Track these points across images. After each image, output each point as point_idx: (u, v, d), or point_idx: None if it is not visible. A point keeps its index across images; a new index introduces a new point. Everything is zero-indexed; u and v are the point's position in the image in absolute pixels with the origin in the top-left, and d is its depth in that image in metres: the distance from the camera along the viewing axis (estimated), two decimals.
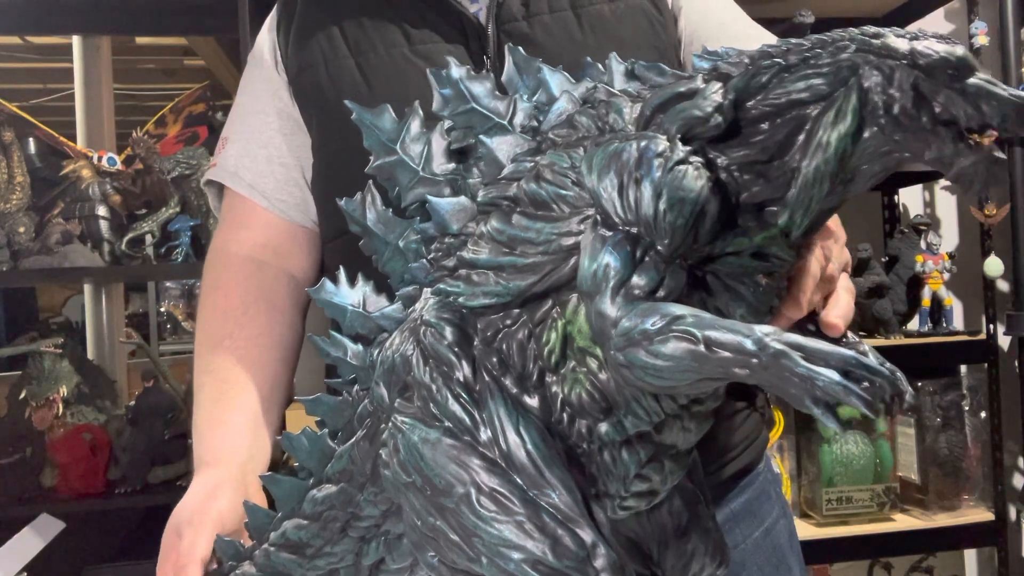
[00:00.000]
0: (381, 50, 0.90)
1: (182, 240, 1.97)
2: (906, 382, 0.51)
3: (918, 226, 2.17)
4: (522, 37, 0.88)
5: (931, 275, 2.11)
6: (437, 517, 0.56)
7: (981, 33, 2.17)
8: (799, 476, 2.10)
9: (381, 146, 0.66)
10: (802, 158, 0.50)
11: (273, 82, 0.98)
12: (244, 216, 0.98)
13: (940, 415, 2.11)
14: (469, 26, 0.89)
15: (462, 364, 0.58)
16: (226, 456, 0.85)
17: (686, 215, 0.49)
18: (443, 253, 0.61)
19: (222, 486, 0.82)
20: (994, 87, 0.47)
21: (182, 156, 1.99)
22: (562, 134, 0.59)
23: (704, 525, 0.64)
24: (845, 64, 0.49)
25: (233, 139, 1.00)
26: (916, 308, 2.15)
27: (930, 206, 2.54)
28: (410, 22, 0.90)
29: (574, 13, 0.89)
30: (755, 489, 0.96)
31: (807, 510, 2.08)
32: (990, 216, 2.14)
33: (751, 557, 0.93)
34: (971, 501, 2.13)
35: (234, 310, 0.92)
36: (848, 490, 2.02)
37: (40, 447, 1.96)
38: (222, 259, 0.98)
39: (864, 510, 2.02)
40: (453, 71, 0.63)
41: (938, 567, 2.28)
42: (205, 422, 0.89)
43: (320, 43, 0.93)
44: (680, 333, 0.47)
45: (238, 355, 0.90)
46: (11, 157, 1.96)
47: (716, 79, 0.53)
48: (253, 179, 0.97)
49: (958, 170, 0.48)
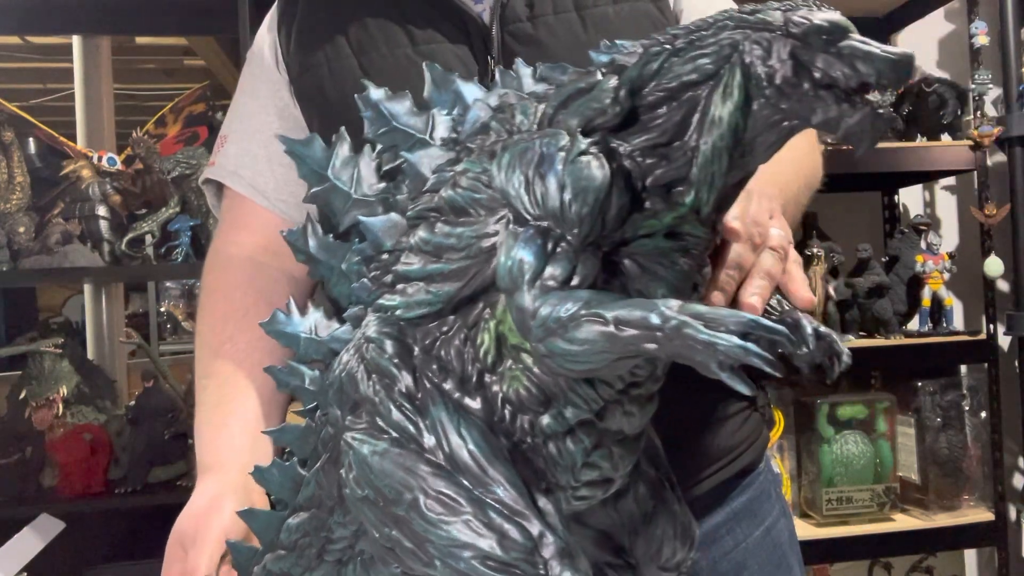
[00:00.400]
0: (384, 50, 0.90)
1: (182, 240, 1.98)
2: (841, 343, 0.55)
3: (918, 226, 2.17)
4: (527, 38, 0.88)
5: (931, 275, 2.11)
6: (392, 527, 0.57)
7: (981, 33, 2.17)
8: (799, 476, 2.10)
9: (313, 174, 0.67)
10: (699, 137, 0.52)
11: (274, 81, 0.98)
12: (244, 217, 0.98)
13: (940, 415, 2.11)
14: (473, 26, 0.89)
15: (403, 375, 0.59)
16: (228, 462, 0.85)
17: (591, 203, 0.51)
18: (381, 270, 0.63)
19: (224, 496, 0.82)
20: (867, 46, 0.49)
21: (182, 156, 1.99)
22: (478, 142, 0.61)
23: (670, 508, 0.65)
24: (726, 42, 0.51)
25: (232, 138, 1.00)
26: (916, 308, 2.15)
27: (930, 206, 2.54)
28: (414, 22, 0.90)
29: (578, 15, 0.89)
30: (756, 489, 0.96)
31: (807, 510, 2.08)
32: (990, 216, 2.14)
33: (752, 556, 0.94)
34: (971, 501, 2.13)
35: (235, 313, 0.92)
36: (848, 490, 2.02)
37: (40, 447, 1.96)
38: (222, 261, 0.97)
39: (864, 510, 2.03)
40: (372, 93, 0.65)
41: (938, 567, 2.28)
42: (207, 427, 0.89)
43: (323, 43, 0.93)
44: (591, 316, 0.49)
45: (239, 359, 0.90)
46: (11, 157, 1.96)
47: (613, 72, 0.55)
48: (253, 178, 0.97)
49: (846, 130, 0.50)
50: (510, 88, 0.63)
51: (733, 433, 0.95)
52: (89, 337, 2.51)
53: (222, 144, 1.01)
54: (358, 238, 0.65)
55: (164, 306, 4.77)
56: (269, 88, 0.98)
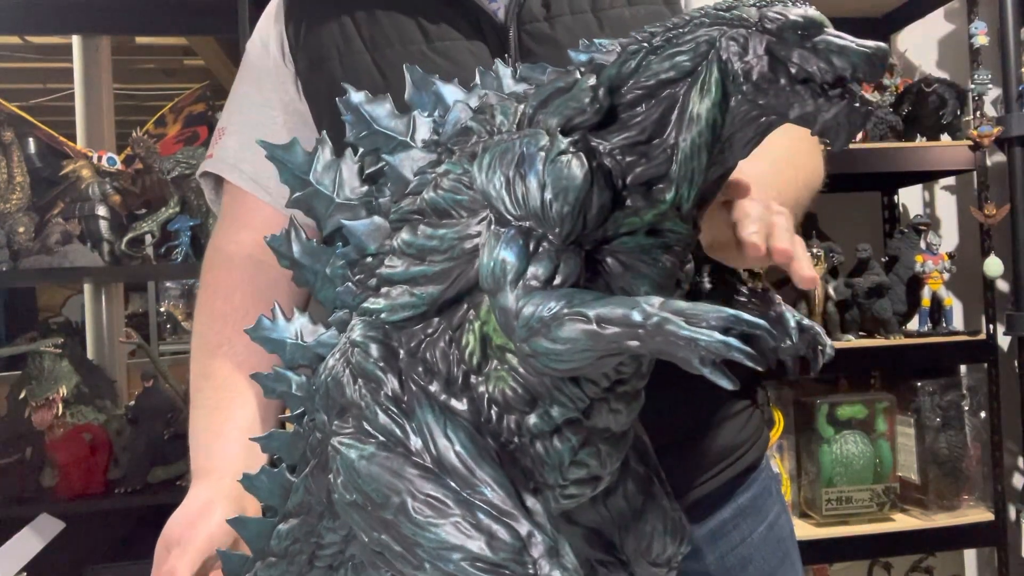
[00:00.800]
0: (398, 46, 0.89)
1: (182, 240, 1.98)
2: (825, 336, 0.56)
3: (918, 226, 2.17)
4: (543, 37, 0.88)
5: (931, 275, 2.11)
6: (381, 531, 0.57)
7: (981, 33, 2.17)
8: (799, 476, 2.10)
9: (295, 179, 0.67)
10: (678, 134, 0.53)
11: (279, 74, 0.96)
12: (245, 213, 0.97)
13: (940, 415, 2.11)
14: (487, 24, 0.88)
15: (388, 378, 0.59)
16: (223, 469, 0.85)
17: (571, 202, 0.51)
18: (365, 274, 0.63)
19: (215, 503, 0.82)
20: (842, 40, 0.49)
21: (182, 156, 1.99)
22: (459, 143, 0.61)
23: (660, 504, 0.66)
24: (703, 39, 0.52)
25: (231, 130, 0.98)
26: (916, 308, 2.15)
27: (930, 206, 2.54)
28: (427, 18, 0.89)
29: (595, 16, 0.89)
30: (759, 485, 0.97)
31: (807, 510, 2.08)
32: (990, 216, 2.14)
33: (757, 551, 0.95)
34: (971, 501, 2.13)
35: (233, 313, 0.92)
36: (848, 490, 2.02)
37: (40, 447, 1.96)
38: (222, 258, 0.97)
39: (864, 510, 2.03)
40: (352, 96, 0.65)
41: (938, 567, 2.28)
42: (203, 431, 0.89)
43: (334, 36, 0.91)
44: (573, 315, 0.49)
45: (236, 361, 0.90)
46: (11, 157, 1.96)
47: (591, 71, 0.55)
48: (255, 172, 0.95)
49: (822, 124, 0.51)
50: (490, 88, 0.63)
51: (738, 431, 0.96)
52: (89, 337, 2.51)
53: (220, 136, 0.99)
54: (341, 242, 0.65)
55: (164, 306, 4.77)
56: (273, 81, 0.96)
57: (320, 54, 0.92)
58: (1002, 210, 2.14)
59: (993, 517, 2.10)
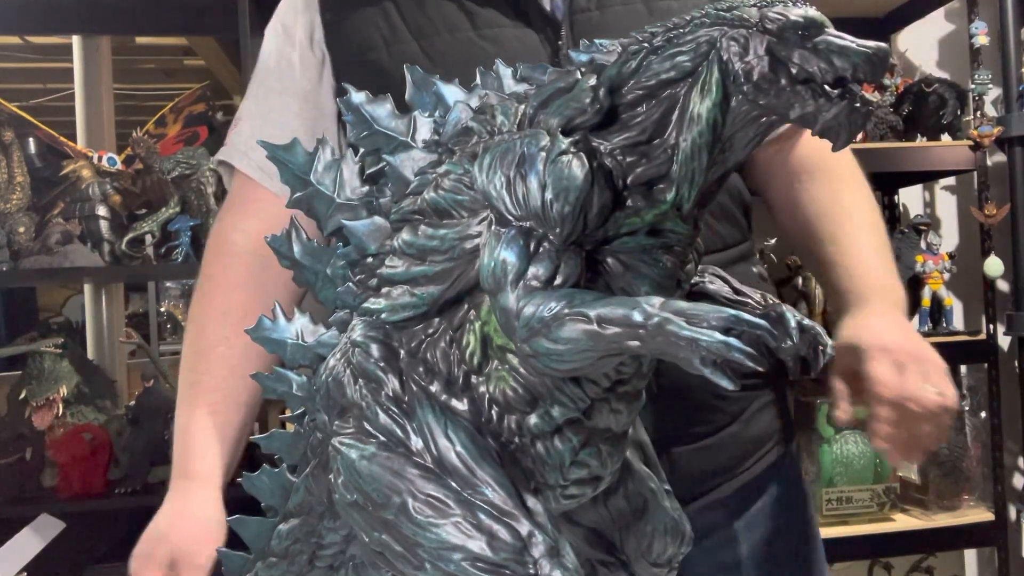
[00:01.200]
0: (446, 34, 0.88)
1: (182, 240, 1.97)
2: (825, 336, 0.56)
3: (918, 226, 2.17)
4: (595, 26, 0.88)
5: (931, 275, 2.12)
6: (381, 531, 0.58)
7: (981, 33, 2.17)
8: None
9: (296, 179, 0.67)
10: (679, 134, 0.53)
11: (304, 63, 0.95)
12: (252, 202, 0.96)
13: None
14: (534, 10, 0.88)
15: (389, 378, 0.59)
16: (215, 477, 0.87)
17: (572, 202, 0.52)
18: (366, 274, 0.63)
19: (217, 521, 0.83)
20: (842, 40, 0.49)
21: (182, 156, 1.99)
22: (459, 143, 0.61)
23: (660, 504, 0.66)
24: (704, 39, 0.52)
25: (246, 118, 0.98)
26: (916, 308, 2.15)
27: (930, 206, 2.54)
28: (471, 3, 0.89)
29: (645, 5, 0.90)
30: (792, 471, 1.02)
31: None
32: (990, 216, 2.14)
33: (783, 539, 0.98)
34: (971, 501, 2.13)
35: (234, 312, 0.91)
36: (848, 490, 2.02)
37: (40, 447, 1.96)
38: (226, 249, 0.95)
39: (864, 510, 2.02)
40: (353, 97, 0.65)
41: (938, 567, 2.28)
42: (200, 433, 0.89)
43: (378, 24, 0.90)
44: (574, 315, 0.50)
45: (232, 363, 0.89)
46: (11, 157, 1.96)
47: (592, 71, 0.55)
48: (263, 161, 0.92)
49: (823, 124, 0.51)
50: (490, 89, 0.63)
51: (768, 424, 0.98)
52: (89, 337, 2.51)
53: (236, 124, 0.99)
54: (342, 242, 0.65)
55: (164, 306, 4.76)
56: (293, 70, 0.95)
57: (363, 44, 0.91)
58: (1002, 210, 2.14)
59: (993, 517, 2.10)
